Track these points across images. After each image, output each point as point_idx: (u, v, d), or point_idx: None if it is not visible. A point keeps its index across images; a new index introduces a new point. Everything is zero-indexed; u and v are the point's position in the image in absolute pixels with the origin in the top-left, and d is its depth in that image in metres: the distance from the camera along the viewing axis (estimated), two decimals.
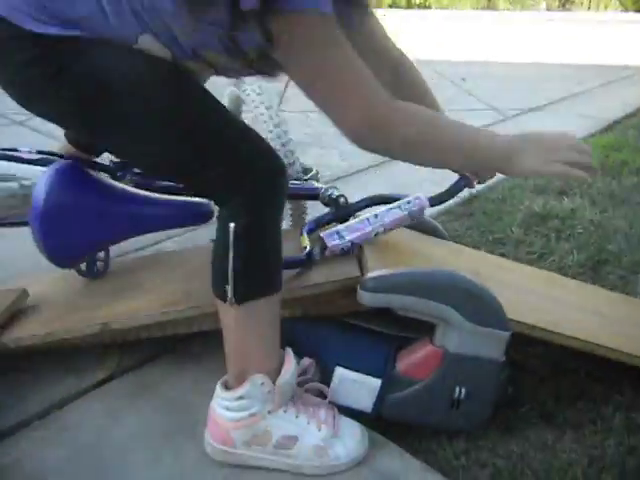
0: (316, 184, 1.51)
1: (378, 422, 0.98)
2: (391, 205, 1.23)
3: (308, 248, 1.10)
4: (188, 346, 1.20)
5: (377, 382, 0.94)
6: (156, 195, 1.16)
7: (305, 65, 0.80)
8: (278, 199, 0.90)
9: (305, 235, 1.16)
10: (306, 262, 1.08)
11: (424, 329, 0.98)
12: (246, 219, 0.84)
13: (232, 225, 0.83)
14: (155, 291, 1.15)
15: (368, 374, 0.94)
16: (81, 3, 0.80)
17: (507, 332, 0.92)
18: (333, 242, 1.10)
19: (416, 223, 1.31)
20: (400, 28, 10.07)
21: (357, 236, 1.13)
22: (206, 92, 0.91)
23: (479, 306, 0.90)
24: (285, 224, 1.70)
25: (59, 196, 0.98)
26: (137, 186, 1.25)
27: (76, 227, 1.00)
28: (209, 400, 0.94)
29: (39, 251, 1.02)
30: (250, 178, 0.85)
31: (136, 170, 1.32)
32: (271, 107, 1.45)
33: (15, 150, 1.22)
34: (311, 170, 1.60)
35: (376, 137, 0.83)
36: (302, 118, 3.05)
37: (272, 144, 1.46)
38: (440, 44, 8.42)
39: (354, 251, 1.13)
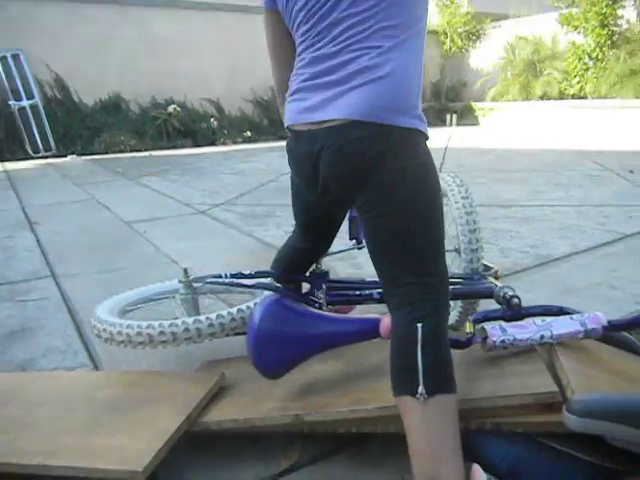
0: (493, 281, 1.50)
1: None
2: (565, 316, 1.20)
3: (470, 334, 1.18)
4: (366, 445, 1.20)
5: None
6: (341, 315, 1.35)
7: None
8: (449, 305, 1.07)
9: (471, 322, 1.22)
10: (465, 344, 1.17)
11: (636, 461, 0.88)
12: (433, 320, 0.98)
13: (419, 325, 0.96)
14: (341, 386, 1.19)
15: None
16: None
17: None
18: (495, 334, 1.14)
19: (613, 338, 1.23)
20: (554, 119, 9.83)
21: (520, 333, 1.14)
22: None
23: None
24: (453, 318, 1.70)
25: (269, 325, 1.16)
26: (329, 297, 1.45)
27: (281, 349, 1.17)
28: None
29: (252, 366, 1.19)
30: (443, 285, 1.04)
31: (329, 279, 1.53)
32: (467, 198, 1.54)
33: (241, 275, 1.50)
34: (491, 268, 1.60)
35: None
36: None
37: (463, 247, 1.52)
38: (600, 134, 8.03)
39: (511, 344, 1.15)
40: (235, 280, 1.54)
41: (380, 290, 1.49)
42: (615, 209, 3.44)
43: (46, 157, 8.36)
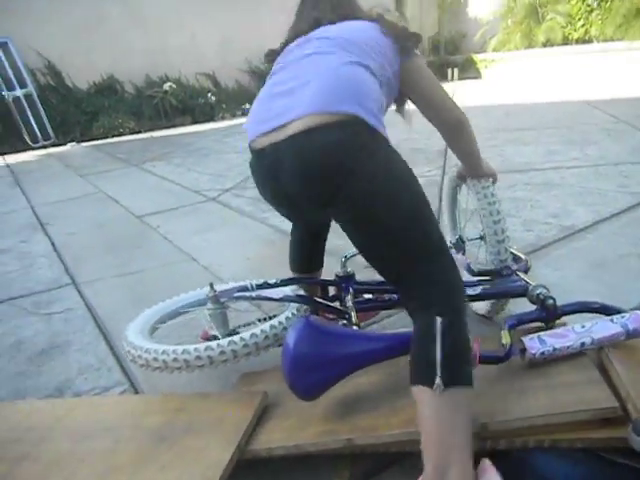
0: (524, 278, 1.46)
1: None
2: (603, 318, 1.17)
3: (508, 346, 1.14)
4: (416, 461, 1.19)
5: None
6: (373, 333, 1.34)
7: (425, 85, 1.26)
8: (464, 294, 1.08)
9: (507, 331, 1.19)
10: (503, 359, 1.15)
11: None
12: (452, 315, 0.98)
13: (439, 319, 0.96)
14: (387, 403, 1.18)
15: None
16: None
17: None
18: (534, 346, 1.12)
19: None
20: (559, 67, 9.50)
21: (560, 343, 1.12)
22: None
23: None
24: (484, 308, 1.68)
25: (303, 350, 1.14)
26: (358, 305, 1.44)
27: (318, 372, 1.15)
28: None
29: (288, 387, 1.17)
30: (454, 275, 1.06)
31: (356, 281, 1.50)
32: (494, 203, 1.46)
33: (267, 284, 1.52)
34: (522, 259, 1.55)
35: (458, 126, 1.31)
36: None
37: (488, 239, 1.46)
38: (609, 81, 7.79)
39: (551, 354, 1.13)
40: (262, 294, 1.52)
41: None
42: (635, 167, 3.34)
43: (45, 147, 8.27)
